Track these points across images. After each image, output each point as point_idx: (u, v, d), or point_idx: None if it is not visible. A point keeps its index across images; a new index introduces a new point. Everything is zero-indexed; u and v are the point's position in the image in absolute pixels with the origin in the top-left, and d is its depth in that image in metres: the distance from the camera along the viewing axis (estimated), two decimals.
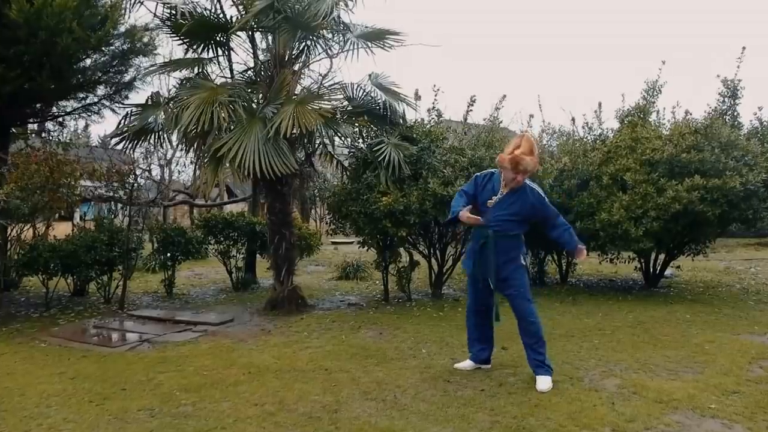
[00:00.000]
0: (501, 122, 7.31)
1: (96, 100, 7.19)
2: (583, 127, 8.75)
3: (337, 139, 6.40)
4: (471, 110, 7.31)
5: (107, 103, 7.35)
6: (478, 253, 3.97)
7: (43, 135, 7.97)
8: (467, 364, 4.29)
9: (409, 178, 6.41)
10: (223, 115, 5.03)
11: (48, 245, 6.49)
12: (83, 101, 7.16)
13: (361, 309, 6.86)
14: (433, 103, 7.31)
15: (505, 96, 7.28)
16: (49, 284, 6.90)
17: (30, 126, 8.04)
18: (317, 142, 5.88)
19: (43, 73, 5.69)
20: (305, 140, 5.93)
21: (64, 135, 8.43)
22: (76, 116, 7.61)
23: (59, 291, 7.76)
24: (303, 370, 4.28)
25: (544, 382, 3.82)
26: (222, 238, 8.21)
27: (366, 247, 7.27)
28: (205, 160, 5.34)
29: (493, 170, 4.07)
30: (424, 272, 8.19)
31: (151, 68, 6.14)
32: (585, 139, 8.68)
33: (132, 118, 6.00)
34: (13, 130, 7.90)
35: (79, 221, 8.40)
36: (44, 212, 8.08)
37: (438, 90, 7.21)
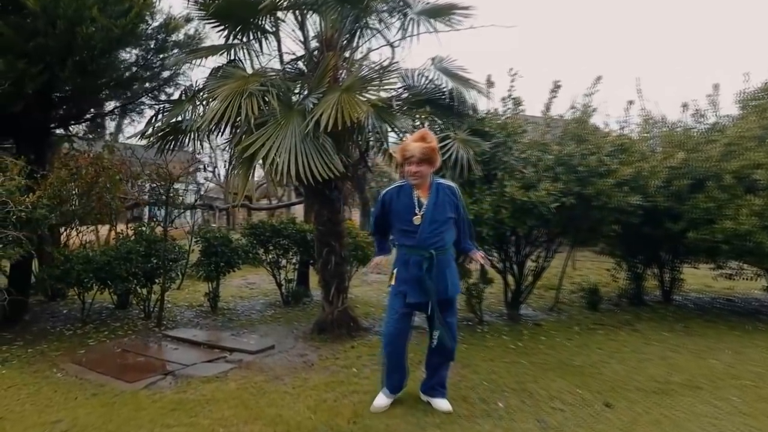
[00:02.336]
0: (594, 110, 6.01)
1: (135, 98, 6.61)
2: (693, 115, 7.23)
3: (393, 135, 5.40)
4: (555, 98, 6.07)
5: (148, 102, 6.77)
6: (423, 281, 3.39)
7: (78, 137, 7.51)
8: (382, 401, 3.68)
9: (480, 181, 5.31)
10: (252, 107, 4.17)
11: (81, 257, 5.96)
12: (122, 99, 6.60)
13: (423, 334, 5.83)
14: (509, 90, 6.15)
15: (600, 78, 5.97)
16: (93, 296, 6.41)
17: (76, 128, 7.62)
18: (369, 137, 4.90)
19: (66, 69, 5.09)
20: (356, 136, 4.97)
21: (107, 136, 7.98)
22: (114, 116, 7.11)
23: (104, 302, 7.33)
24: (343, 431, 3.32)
25: (446, 404, 3.59)
26: (271, 247, 7.45)
27: None
28: (237, 161, 4.53)
29: (401, 183, 3.53)
30: (498, 287, 7.05)
31: (178, 56, 5.44)
32: (696, 129, 7.16)
33: (163, 115, 5.32)
34: (62, 131, 7.53)
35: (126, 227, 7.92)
36: (90, 218, 7.75)
37: (515, 74, 6.03)
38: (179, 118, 5.16)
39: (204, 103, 4.55)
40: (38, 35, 4.91)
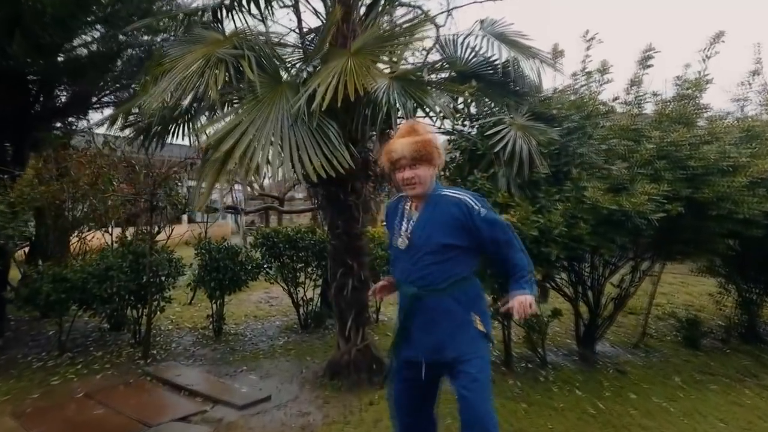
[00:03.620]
0: (709, 81, 4.40)
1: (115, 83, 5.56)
2: None
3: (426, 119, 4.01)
4: (649, 68, 4.51)
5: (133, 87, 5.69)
6: (404, 328, 2.41)
7: (67, 133, 6.55)
8: None
9: (546, 181, 3.86)
10: (217, 78, 2.93)
11: (52, 275, 4.94)
12: (108, 88, 5.56)
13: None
14: (584, 60, 4.65)
15: (722, 33, 4.34)
16: (73, 319, 5.42)
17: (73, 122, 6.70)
18: (391, 120, 3.56)
19: (15, 42, 4.05)
20: (367, 114, 3.61)
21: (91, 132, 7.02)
22: (98, 108, 6.10)
23: (99, 324, 6.36)
24: None
25: None
26: (286, 260, 6.25)
27: None
28: (205, 154, 3.32)
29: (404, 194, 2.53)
30: (567, 316, 5.56)
31: (143, 20, 4.28)
32: None
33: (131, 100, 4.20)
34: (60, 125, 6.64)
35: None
36: (86, 225, 6.85)
37: (592, 39, 4.53)
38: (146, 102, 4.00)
39: (155, 77, 3.36)
40: None
